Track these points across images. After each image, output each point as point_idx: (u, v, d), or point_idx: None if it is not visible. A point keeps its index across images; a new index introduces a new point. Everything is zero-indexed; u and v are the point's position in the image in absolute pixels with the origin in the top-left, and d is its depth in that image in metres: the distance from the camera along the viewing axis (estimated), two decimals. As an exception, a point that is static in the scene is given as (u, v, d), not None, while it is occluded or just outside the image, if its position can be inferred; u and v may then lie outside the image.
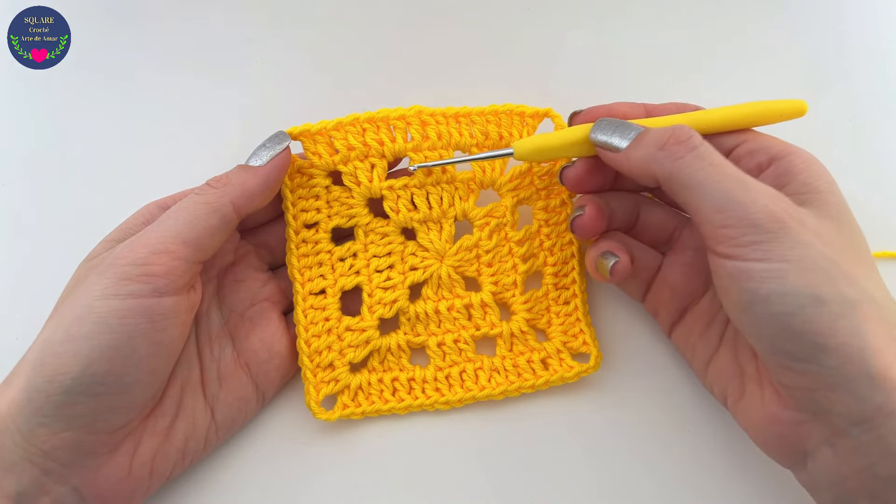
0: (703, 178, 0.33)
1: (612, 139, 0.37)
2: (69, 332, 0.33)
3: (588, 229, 0.39)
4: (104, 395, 0.33)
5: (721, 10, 0.52)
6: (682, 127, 0.35)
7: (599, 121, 0.38)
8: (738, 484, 0.41)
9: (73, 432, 0.33)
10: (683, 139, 0.34)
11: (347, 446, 0.42)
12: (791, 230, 0.31)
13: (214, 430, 0.40)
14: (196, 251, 0.36)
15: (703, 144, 0.34)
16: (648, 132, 0.36)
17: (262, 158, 0.39)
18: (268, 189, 0.39)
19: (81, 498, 0.34)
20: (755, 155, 0.37)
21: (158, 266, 0.34)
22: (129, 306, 0.34)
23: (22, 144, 0.49)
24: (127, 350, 0.33)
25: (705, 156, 0.33)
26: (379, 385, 0.42)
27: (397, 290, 0.43)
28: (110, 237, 0.38)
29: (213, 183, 0.38)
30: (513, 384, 0.42)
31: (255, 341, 0.41)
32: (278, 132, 0.40)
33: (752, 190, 0.32)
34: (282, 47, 0.51)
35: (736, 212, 0.31)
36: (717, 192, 0.32)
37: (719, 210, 0.32)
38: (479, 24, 0.52)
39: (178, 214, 0.36)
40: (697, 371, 0.40)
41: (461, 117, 0.43)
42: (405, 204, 0.43)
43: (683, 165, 0.33)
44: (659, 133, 0.35)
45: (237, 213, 0.38)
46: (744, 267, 0.31)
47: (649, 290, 0.42)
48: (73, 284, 0.37)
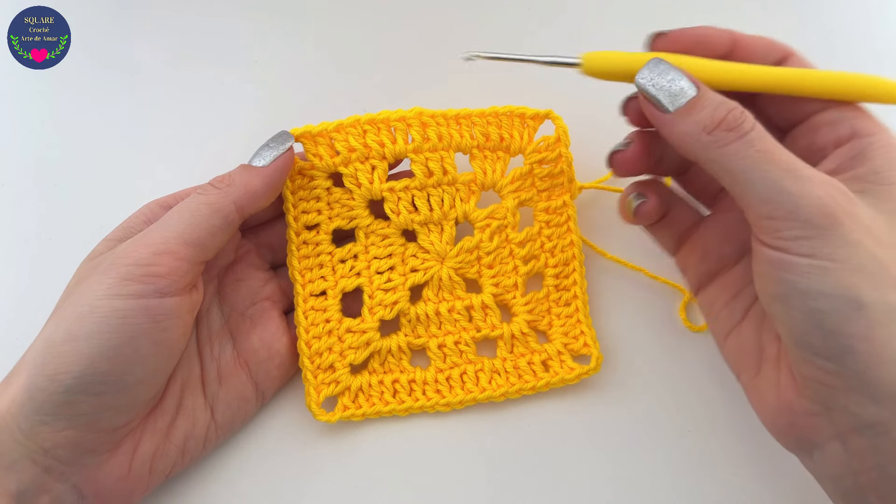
0: (750, 165, 0.30)
1: (661, 95, 0.33)
2: (71, 332, 0.33)
3: (629, 165, 0.37)
4: (106, 395, 0.33)
5: (732, 11, 0.52)
6: (735, 108, 0.31)
7: (654, 62, 0.33)
8: (739, 484, 0.41)
9: (75, 430, 0.33)
10: (734, 125, 0.31)
11: (347, 448, 0.42)
12: (841, 227, 0.29)
13: (214, 429, 0.40)
14: (198, 252, 0.36)
15: (755, 128, 0.31)
16: (700, 103, 0.32)
17: (266, 158, 0.39)
18: (271, 189, 0.39)
19: (81, 496, 0.34)
20: (837, 126, 0.33)
21: (161, 266, 0.34)
22: (132, 306, 0.33)
23: (22, 144, 0.49)
24: (129, 350, 0.33)
25: (755, 141, 0.30)
26: (379, 387, 0.42)
27: (398, 291, 0.43)
28: (112, 236, 0.38)
29: (216, 183, 0.38)
30: (513, 386, 0.42)
31: (255, 340, 0.41)
32: (281, 132, 0.40)
33: (804, 179, 0.30)
34: (282, 48, 0.51)
35: (784, 204, 0.29)
36: (765, 181, 0.30)
37: (766, 201, 0.30)
38: (480, 24, 0.52)
39: (180, 215, 0.36)
40: (717, 338, 0.38)
41: (462, 119, 0.43)
42: (406, 206, 0.43)
43: (730, 152, 0.31)
44: (709, 114, 0.31)
45: (240, 214, 0.38)
46: (787, 258, 0.30)
47: (682, 245, 0.39)
48: (74, 283, 0.37)
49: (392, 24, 0.52)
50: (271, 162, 0.39)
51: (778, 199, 0.30)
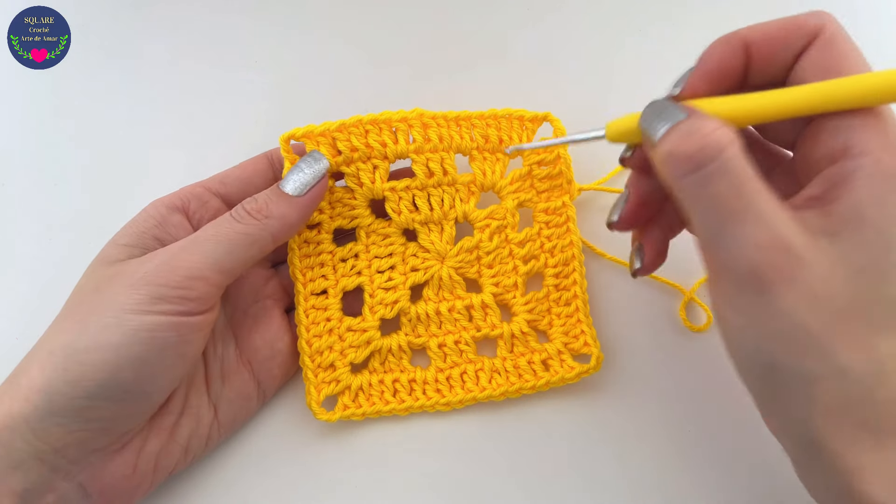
0: (697, 206, 0.28)
1: (651, 127, 0.30)
2: (97, 340, 0.33)
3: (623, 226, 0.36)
4: (125, 402, 0.34)
5: (734, 9, 0.51)
6: (706, 135, 0.28)
7: (652, 102, 0.31)
8: (739, 484, 0.41)
9: (88, 432, 0.34)
10: (693, 152, 0.28)
11: (348, 447, 0.42)
12: (770, 293, 0.27)
13: (217, 427, 0.40)
14: (229, 278, 0.37)
15: (720, 158, 0.27)
16: (674, 129, 0.29)
17: (300, 184, 0.39)
18: (307, 219, 0.39)
19: (86, 494, 0.35)
20: (833, 137, 0.28)
21: (193, 291, 0.35)
22: (162, 322, 0.34)
23: (22, 144, 0.49)
24: (155, 362, 0.34)
25: (709, 180, 0.27)
26: (380, 386, 0.43)
27: (398, 290, 0.43)
28: (122, 241, 0.38)
29: (254, 213, 0.37)
30: (513, 385, 0.42)
31: (257, 339, 0.41)
32: (313, 152, 0.40)
33: (743, 237, 0.27)
34: (285, 48, 0.51)
35: (719, 256, 0.28)
36: (705, 228, 0.28)
37: (704, 248, 0.29)
38: (480, 25, 0.52)
39: (217, 240, 0.36)
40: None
41: (462, 121, 0.43)
42: (407, 205, 0.43)
43: (684, 185, 0.28)
44: (674, 141, 0.29)
45: (275, 245, 0.38)
46: (716, 303, 0.30)
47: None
48: (90, 289, 0.36)
49: (394, 25, 0.52)
50: (307, 191, 0.39)
51: (714, 251, 0.29)
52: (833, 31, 0.30)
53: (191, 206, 0.40)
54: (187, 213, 0.40)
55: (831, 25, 0.30)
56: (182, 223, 0.39)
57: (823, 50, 0.29)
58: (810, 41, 0.30)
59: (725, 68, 0.31)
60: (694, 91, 0.31)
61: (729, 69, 0.31)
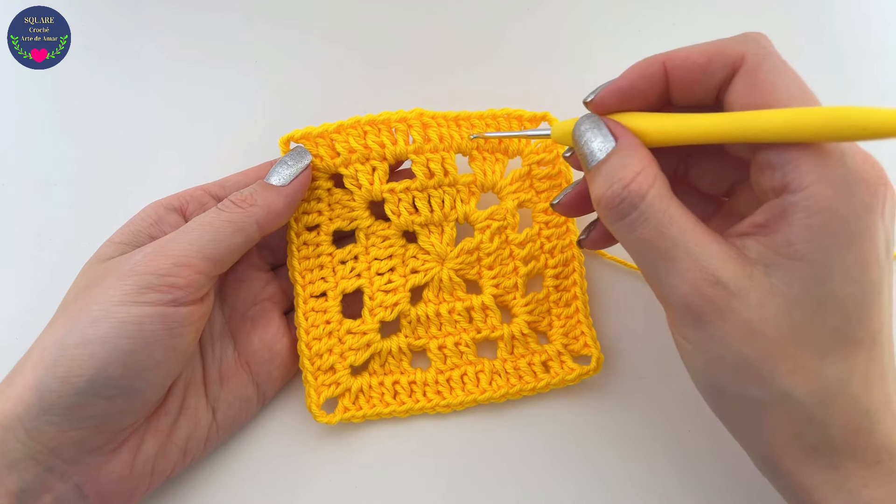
0: (631, 248, 0.31)
1: (585, 147, 0.32)
2: (85, 335, 0.33)
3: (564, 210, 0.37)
4: (116, 398, 0.34)
5: (728, 10, 0.51)
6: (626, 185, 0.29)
7: (581, 119, 0.32)
8: (739, 484, 0.41)
9: (81, 431, 0.34)
10: (616, 203, 0.30)
11: (348, 449, 0.42)
12: (706, 323, 0.29)
13: (216, 429, 0.40)
14: (216, 267, 0.37)
15: (640, 206, 0.29)
16: (596, 171, 0.31)
17: (284, 176, 0.40)
18: (292, 209, 0.40)
19: (83, 495, 0.35)
20: (774, 172, 0.28)
21: (180, 278, 0.35)
22: (149, 313, 0.34)
23: (22, 144, 0.49)
24: (143, 355, 0.34)
25: (636, 225, 0.29)
26: (380, 388, 0.42)
27: (398, 292, 0.43)
28: (117, 239, 0.38)
29: (239, 202, 0.38)
30: (513, 387, 0.42)
31: (256, 341, 0.41)
32: (298, 147, 0.41)
33: (676, 273, 0.29)
34: (283, 49, 0.51)
35: (659, 292, 0.31)
36: (644, 266, 0.31)
37: (648, 282, 0.32)
38: (480, 25, 0.52)
39: (203, 229, 0.37)
40: None
41: (461, 120, 0.43)
42: (406, 207, 0.43)
43: (615, 230, 0.31)
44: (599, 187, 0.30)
45: (261, 233, 0.38)
46: (672, 334, 0.32)
47: None
48: (83, 285, 0.37)
49: (394, 25, 0.52)
50: (291, 181, 0.39)
51: (654, 286, 0.31)
52: (756, 62, 0.29)
53: (188, 207, 0.40)
54: (184, 213, 0.40)
55: (754, 55, 0.29)
56: (178, 222, 0.39)
57: (745, 80, 0.29)
58: (735, 69, 0.30)
59: (639, 88, 0.32)
60: (601, 102, 0.33)
61: (644, 89, 0.32)
